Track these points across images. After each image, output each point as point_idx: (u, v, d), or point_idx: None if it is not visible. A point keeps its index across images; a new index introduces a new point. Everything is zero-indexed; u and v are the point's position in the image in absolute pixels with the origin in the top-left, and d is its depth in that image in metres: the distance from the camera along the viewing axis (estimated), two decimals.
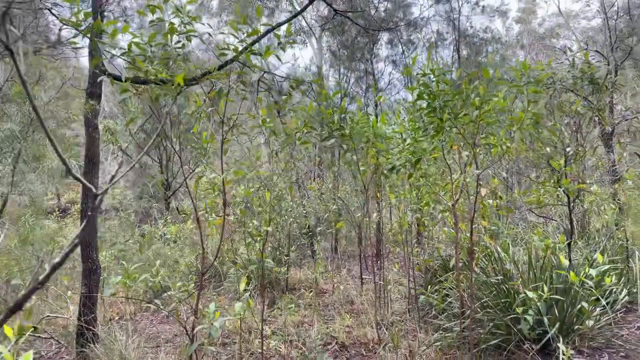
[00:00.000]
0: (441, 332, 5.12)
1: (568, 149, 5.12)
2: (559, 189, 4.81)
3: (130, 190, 18.28)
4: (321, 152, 13.95)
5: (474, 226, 4.56)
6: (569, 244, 5.10)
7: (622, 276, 5.97)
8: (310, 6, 13.31)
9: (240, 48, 3.93)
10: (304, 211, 9.99)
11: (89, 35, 3.55)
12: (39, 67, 6.46)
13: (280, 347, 5.21)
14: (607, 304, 5.13)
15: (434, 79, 3.72)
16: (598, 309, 4.90)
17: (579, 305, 4.53)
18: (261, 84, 5.45)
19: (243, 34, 3.95)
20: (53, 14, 5.20)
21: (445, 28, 17.44)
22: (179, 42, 3.98)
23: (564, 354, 3.93)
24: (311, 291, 7.90)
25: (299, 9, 14.00)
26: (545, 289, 4.11)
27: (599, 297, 4.84)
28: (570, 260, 5.03)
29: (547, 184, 4.99)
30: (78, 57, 12.84)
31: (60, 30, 6.35)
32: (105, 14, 7.05)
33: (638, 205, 8.00)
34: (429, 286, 5.92)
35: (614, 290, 5.53)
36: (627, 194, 7.96)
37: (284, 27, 4.77)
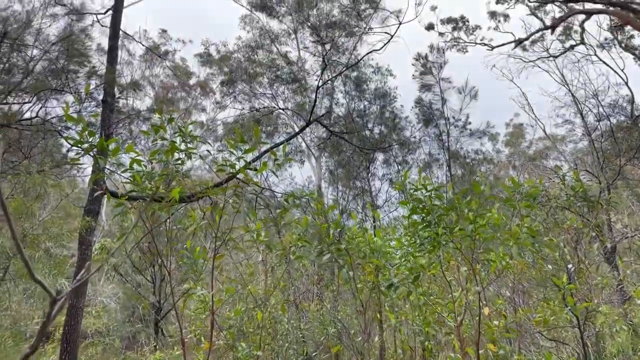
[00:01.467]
0: None
1: (570, 266, 4.99)
2: (566, 308, 4.58)
3: (119, 314, 17.44)
4: (320, 269, 13.64)
5: (480, 351, 4.24)
6: None
7: None
8: (308, 128, 14.17)
9: (237, 165, 4.05)
10: (301, 335, 9.40)
11: (91, 153, 3.68)
12: (42, 185, 6.64)
13: None
14: None
15: (426, 194, 3.76)
16: None
17: None
18: (259, 200, 5.51)
19: (241, 152, 4.11)
20: (60, 135, 5.49)
21: (437, 150, 18.38)
22: (178, 159, 4.12)
23: None
24: None
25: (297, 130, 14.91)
26: None
27: None
28: None
29: (551, 303, 4.76)
30: (83, 177, 13.27)
31: (68, 150, 6.66)
32: (114, 136, 7.47)
33: None
34: None
35: None
36: (638, 315, 7.57)
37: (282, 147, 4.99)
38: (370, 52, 14.38)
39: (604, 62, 15.79)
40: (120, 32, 9.51)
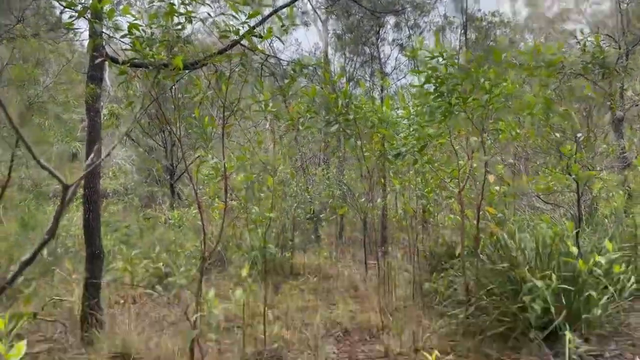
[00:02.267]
0: (446, 318, 5.07)
1: (579, 135, 4.99)
2: (569, 175, 4.70)
3: (136, 175, 18.25)
4: (327, 136, 13.83)
5: (480, 213, 4.48)
6: (577, 232, 5.00)
7: (630, 264, 5.87)
8: None
9: (241, 30, 3.81)
10: (309, 197, 9.94)
11: (85, 16, 3.46)
12: (40, 50, 6.37)
13: (284, 333, 5.19)
14: (615, 291, 5.04)
15: (442, 62, 3.59)
16: (606, 297, 4.81)
17: (587, 294, 4.45)
18: (265, 68, 5.33)
19: (244, 15, 3.83)
20: None
21: (452, 12, 17.09)
22: (178, 24, 3.87)
23: (570, 342, 3.87)
24: (315, 277, 7.89)
25: None
26: (554, 277, 4.03)
27: (607, 285, 4.75)
28: (578, 248, 4.94)
29: (555, 171, 4.88)
30: (81, 42, 12.70)
31: (61, 12, 6.24)
32: None
33: None
34: (434, 273, 5.86)
35: (622, 278, 5.43)
36: (637, 181, 7.82)
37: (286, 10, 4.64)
38: None
39: None
40: None
